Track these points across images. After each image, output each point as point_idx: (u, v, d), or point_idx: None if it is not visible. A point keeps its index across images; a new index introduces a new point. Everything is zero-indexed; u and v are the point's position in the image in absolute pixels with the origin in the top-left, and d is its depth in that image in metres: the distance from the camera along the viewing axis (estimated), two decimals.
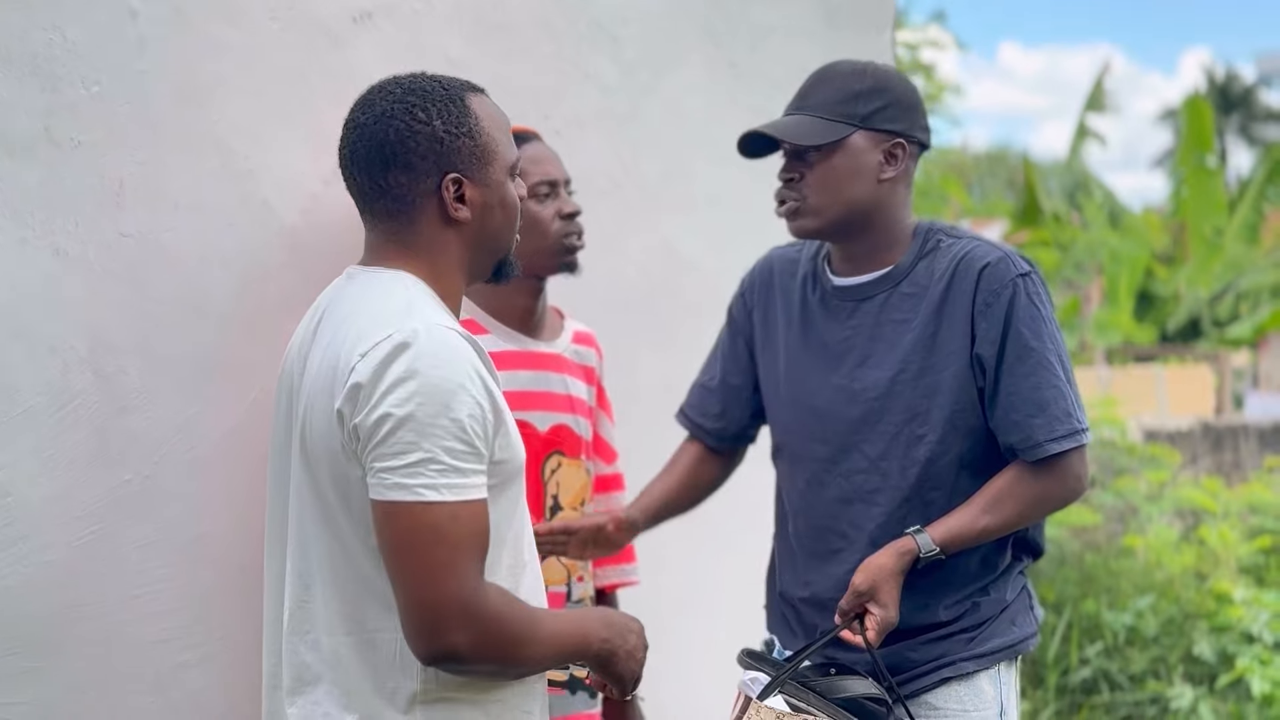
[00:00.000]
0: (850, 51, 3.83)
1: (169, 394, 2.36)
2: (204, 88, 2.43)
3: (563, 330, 2.68)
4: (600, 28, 3.16)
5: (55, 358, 2.25)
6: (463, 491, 1.68)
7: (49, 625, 2.26)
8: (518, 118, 2.96)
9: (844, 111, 2.33)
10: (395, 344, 1.70)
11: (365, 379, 1.69)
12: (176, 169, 2.39)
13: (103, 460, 2.30)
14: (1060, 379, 2.30)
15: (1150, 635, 6.35)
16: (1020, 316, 2.29)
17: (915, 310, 2.35)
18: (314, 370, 1.80)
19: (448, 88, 1.91)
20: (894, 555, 2.27)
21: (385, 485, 1.67)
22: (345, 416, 1.71)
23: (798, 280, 2.50)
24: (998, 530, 2.30)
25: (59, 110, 2.25)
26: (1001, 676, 2.38)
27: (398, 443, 1.67)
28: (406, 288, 1.81)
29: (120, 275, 2.33)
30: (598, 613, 2.00)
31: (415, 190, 1.84)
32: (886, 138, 2.34)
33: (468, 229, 1.87)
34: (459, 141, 1.86)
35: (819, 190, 2.34)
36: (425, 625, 1.68)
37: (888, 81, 2.36)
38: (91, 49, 2.29)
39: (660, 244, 3.31)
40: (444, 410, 1.67)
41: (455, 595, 1.67)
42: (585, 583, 2.58)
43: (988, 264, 2.32)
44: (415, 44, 2.78)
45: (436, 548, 1.66)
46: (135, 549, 2.34)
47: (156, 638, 2.36)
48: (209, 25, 2.45)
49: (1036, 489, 2.30)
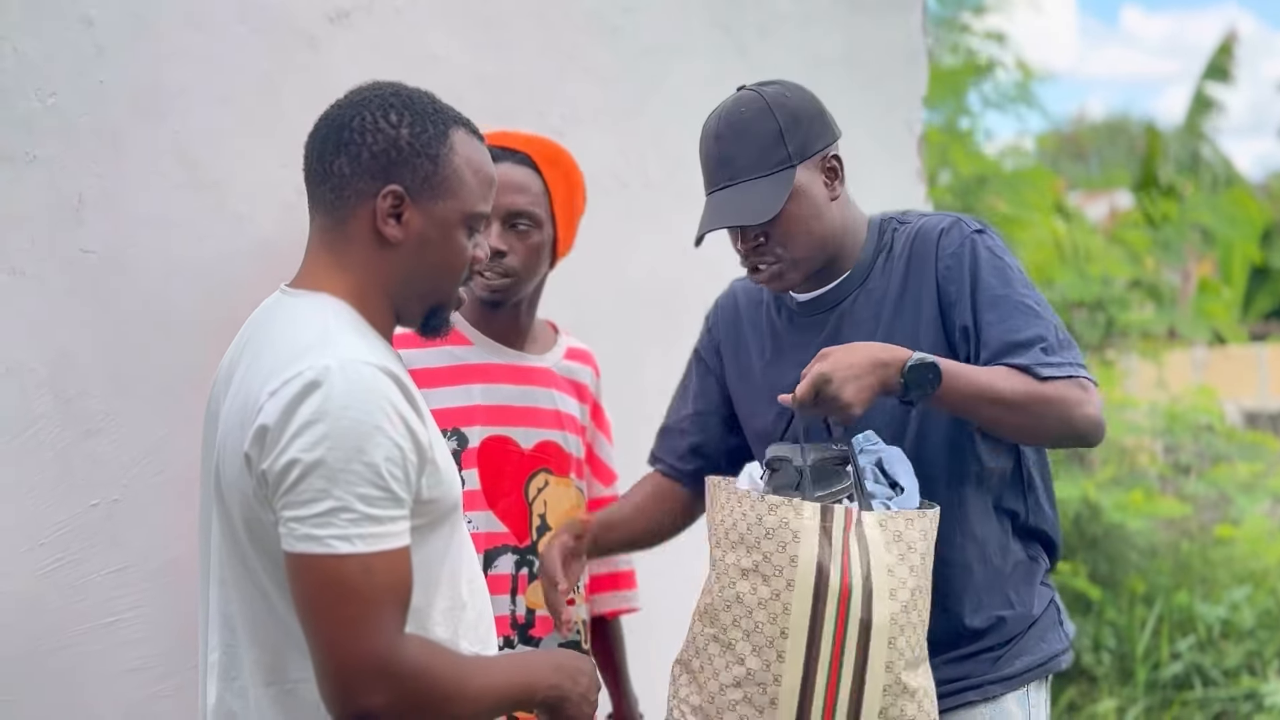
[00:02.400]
0: (873, 38, 3.70)
1: (135, 415, 2.28)
2: (167, 96, 2.35)
3: (555, 345, 2.56)
4: (598, 18, 3.05)
5: (12, 380, 2.18)
6: (378, 541, 1.57)
7: (15, 658, 2.19)
8: (511, 115, 2.85)
9: (775, 159, 2.18)
10: (305, 383, 1.58)
11: (272, 421, 1.58)
12: (139, 182, 2.31)
13: (67, 485, 2.22)
14: (1041, 319, 2.16)
15: (1246, 628, 6.19)
16: (983, 269, 2.18)
17: (882, 303, 2.24)
18: (230, 404, 1.70)
19: (439, 110, 1.79)
20: (871, 346, 2.08)
21: (295, 536, 1.57)
22: (253, 461, 1.61)
23: (763, 308, 2.39)
24: (996, 394, 2.08)
25: (11, 124, 2.17)
26: (1031, 698, 2.24)
27: (307, 490, 1.56)
28: (325, 315, 1.69)
29: (81, 293, 2.25)
30: (544, 656, 1.89)
31: (353, 186, 1.72)
32: (818, 159, 2.22)
33: (399, 255, 1.73)
34: (418, 159, 1.73)
35: (792, 244, 2.21)
36: (339, 686, 1.57)
37: (791, 104, 2.22)
38: (45, 60, 2.21)
39: (668, 243, 3.18)
40: (357, 454, 1.56)
41: (369, 653, 1.56)
42: (576, 605, 2.45)
43: (941, 229, 2.23)
44: (397, 43, 2.68)
45: (348, 603, 1.55)
46: (104, 576, 2.26)
47: (128, 667, 2.29)
48: (171, 31, 2.36)
49: (1041, 392, 2.10)
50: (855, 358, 2.05)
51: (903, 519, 2.04)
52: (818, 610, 1.98)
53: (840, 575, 1.98)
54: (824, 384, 2.02)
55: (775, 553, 2.00)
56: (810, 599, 1.98)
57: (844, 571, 1.98)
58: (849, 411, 2.04)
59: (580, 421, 2.55)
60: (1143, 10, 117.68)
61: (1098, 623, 6.31)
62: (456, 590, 1.74)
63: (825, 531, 2.00)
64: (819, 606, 1.98)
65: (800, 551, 1.98)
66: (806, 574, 1.98)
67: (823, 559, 1.98)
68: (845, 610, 1.98)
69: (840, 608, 1.98)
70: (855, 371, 2.03)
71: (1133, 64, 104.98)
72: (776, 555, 1.99)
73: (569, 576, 2.28)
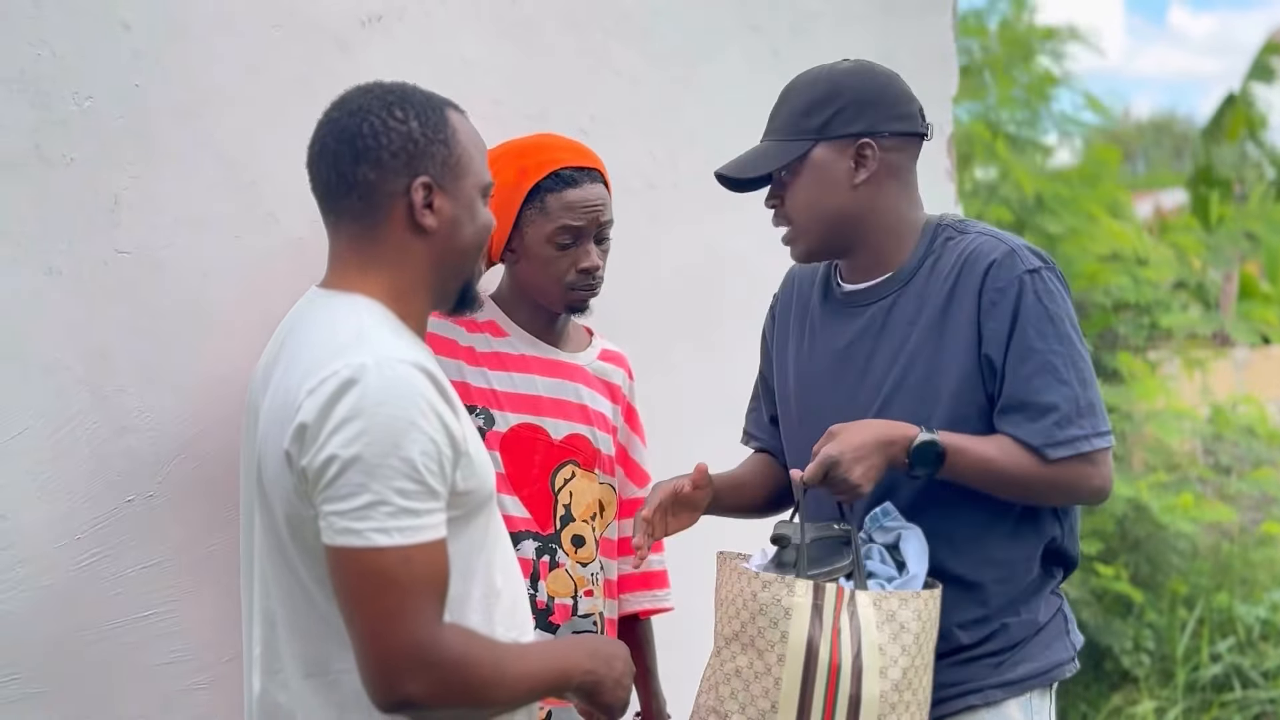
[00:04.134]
0: (905, 38, 3.69)
1: (171, 412, 2.32)
2: (202, 99, 2.38)
3: (589, 346, 2.61)
4: (628, 19, 3.06)
5: (51, 379, 2.22)
6: (416, 534, 1.60)
7: (53, 650, 2.23)
8: (542, 117, 2.87)
9: (800, 127, 2.25)
10: (341, 380, 1.62)
11: (311, 419, 1.62)
12: (174, 183, 2.34)
13: (103, 481, 2.26)
14: (1067, 382, 2.15)
15: None
16: (1027, 316, 2.16)
17: (920, 313, 2.23)
18: (270, 402, 1.74)
19: (429, 96, 1.85)
20: (877, 425, 2.13)
21: (335, 530, 1.60)
22: (293, 458, 1.65)
23: (814, 290, 2.41)
24: (1000, 473, 2.14)
25: (49, 127, 2.21)
26: (1034, 705, 2.23)
27: (346, 485, 1.59)
28: (359, 315, 1.72)
29: (117, 293, 2.29)
30: (579, 642, 1.91)
31: (383, 189, 1.76)
32: (850, 142, 2.22)
33: (435, 240, 1.79)
34: (434, 147, 1.79)
35: (798, 212, 2.27)
36: (379, 674, 1.61)
37: (842, 84, 2.24)
38: (82, 63, 2.25)
39: (699, 243, 3.20)
40: (394, 449, 1.59)
41: (408, 643, 1.60)
42: (595, 597, 2.48)
43: (993, 261, 2.19)
44: (428, 46, 2.71)
45: (388, 594, 1.59)
46: (139, 571, 2.30)
47: (164, 660, 2.33)
48: (207, 35, 2.40)
49: (1043, 474, 2.16)
50: (862, 438, 2.10)
51: (897, 599, 2.09)
52: (807, 685, 2.05)
53: (830, 651, 2.05)
54: (832, 465, 2.08)
55: (768, 628, 2.07)
56: (800, 673, 2.05)
57: (833, 648, 2.05)
58: (857, 492, 2.10)
59: (612, 421, 2.58)
60: (1190, 8, 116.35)
61: (1138, 625, 6.27)
62: (491, 579, 1.77)
63: (817, 609, 2.06)
64: (809, 681, 2.05)
65: (791, 628, 2.05)
66: (797, 649, 2.05)
67: (813, 635, 2.05)
68: (835, 686, 2.05)
69: (830, 683, 2.05)
70: (862, 453, 2.09)
71: (1179, 63, 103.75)
72: (769, 630, 2.07)
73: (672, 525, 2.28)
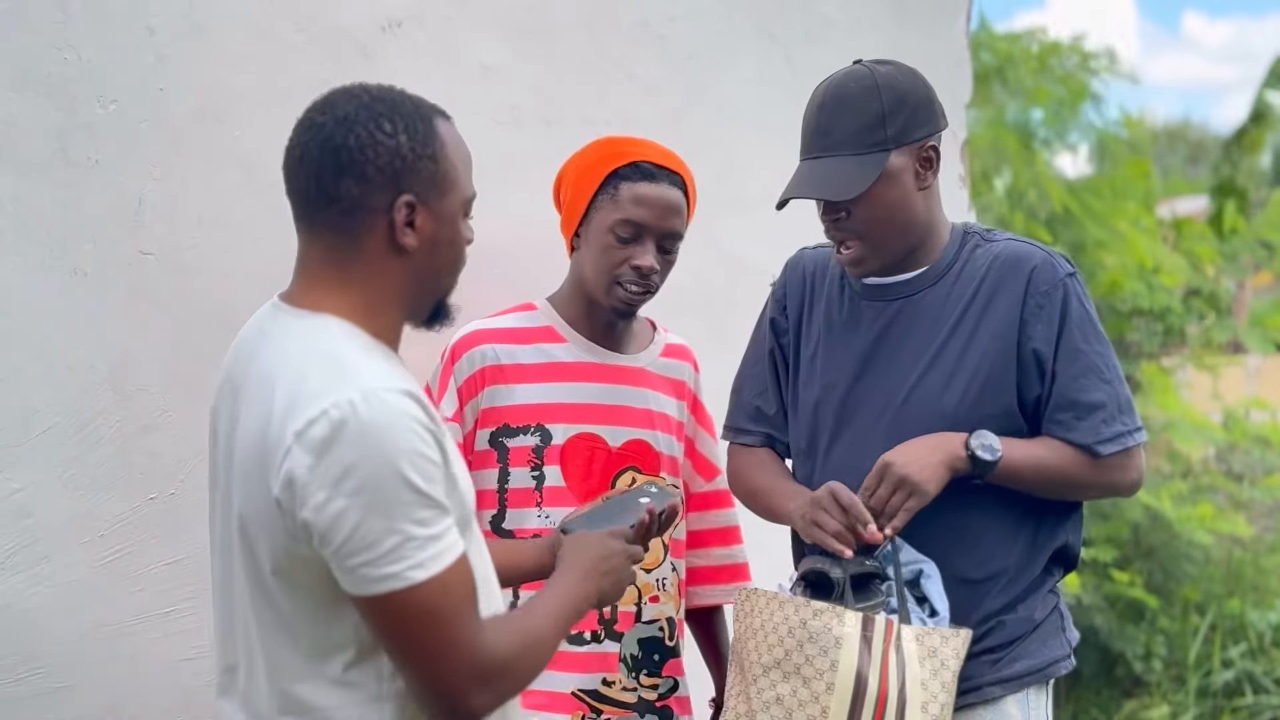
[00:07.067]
0: (919, 45, 3.71)
1: (192, 412, 2.34)
2: (225, 102, 2.42)
3: (652, 343, 2.56)
4: (645, 26, 3.09)
5: (75, 377, 2.25)
6: (445, 557, 1.59)
7: (76, 646, 2.26)
8: (559, 122, 2.90)
9: (873, 140, 2.19)
10: (332, 423, 1.55)
11: (304, 470, 1.56)
12: (198, 185, 2.38)
13: (125, 479, 2.30)
14: (1110, 380, 2.24)
15: None
16: (1073, 318, 2.23)
17: (951, 311, 2.25)
18: (245, 433, 1.66)
19: (418, 105, 1.76)
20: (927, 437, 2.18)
21: (370, 580, 1.56)
22: (286, 505, 1.58)
23: (828, 282, 2.40)
24: (1051, 471, 2.21)
25: (74, 129, 2.25)
26: (1031, 701, 2.25)
27: (368, 534, 1.55)
28: (335, 341, 1.65)
29: (141, 293, 2.33)
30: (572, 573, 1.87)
31: (365, 205, 1.68)
32: (918, 145, 2.23)
33: (413, 260, 1.71)
34: (421, 163, 1.71)
35: (872, 226, 2.22)
36: (449, 702, 1.62)
37: (902, 87, 2.23)
38: (108, 67, 2.29)
39: (713, 247, 3.22)
40: (402, 484, 1.56)
41: (469, 666, 1.61)
42: (661, 602, 2.47)
43: (1035, 265, 2.24)
44: (448, 51, 2.74)
45: (438, 627, 1.59)
46: (161, 568, 2.34)
47: (184, 656, 2.36)
48: (230, 40, 2.43)
49: (1092, 471, 2.24)
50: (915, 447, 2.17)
51: (938, 636, 2.12)
52: (854, 715, 2.05)
53: (879, 683, 2.06)
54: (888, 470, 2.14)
55: (817, 656, 2.06)
56: (849, 704, 2.05)
57: (882, 680, 2.06)
58: (919, 489, 2.13)
59: (676, 419, 2.55)
60: (1205, 16, 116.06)
61: (1150, 631, 6.28)
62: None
63: (866, 640, 2.07)
64: (855, 712, 2.06)
65: (841, 657, 2.06)
66: (846, 679, 2.06)
67: (862, 666, 2.06)
68: (881, 717, 2.06)
69: (876, 715, 2.06)
70: (919, 453, 2.15)
71: (1193, 70, 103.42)
72: (818, 659, 2.06)
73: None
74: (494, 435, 2.40)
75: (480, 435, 2.40)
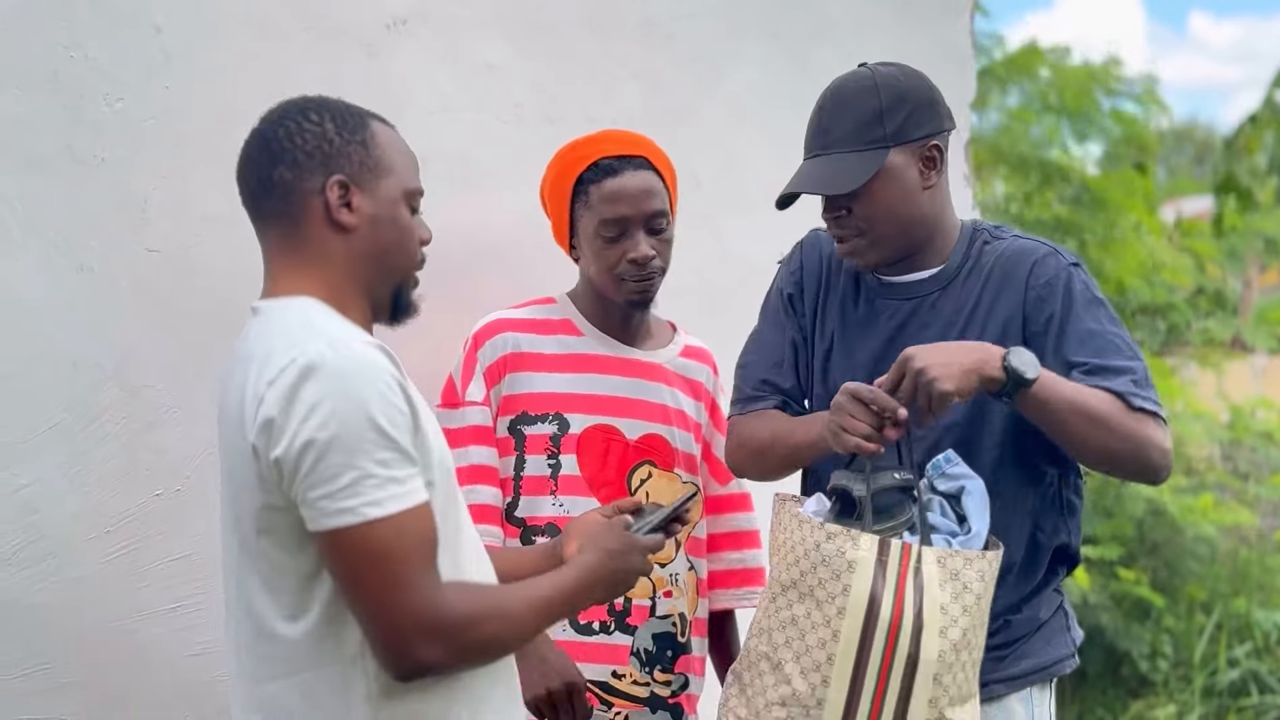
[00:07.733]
0: (923, 43, 3.72)
1: (197, 408, 2.35)
2: (232, 100, 2.42)
3: (671, 342, 2.59)
4: (650, 25, 3.09)
5: (80, 374, 2.26)
6: (404, 500, 1.63)
7: (82, 641, 2.28)
8: (564, 121, 2.91)
9: (871, 137, 2.20)
10: (300, 368, 1.63)
11: (277, 411, 1.63)
12: (204, 183, 2.39)
13: (131, 475, 2.31)
14: (1129, 359, 2.18)
15: None
16: (1078, 302, 2.21)
17: (961, 312, 2.25)
18: (227, 401, 1.75)
19: (351, 106, 1.88)
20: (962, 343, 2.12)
21: (326, 513, 1.62)
22: (261, 451, 1.65)
23: (845, 274, 2.37)
24: (1088, 407, 2.10)
25: (81, 127, 2.27)
26: (1034, 699, 2.25)
27: (329, 467, 1.61)
28: (306, 310, 1.74)
29: (147, 290, 2.34)
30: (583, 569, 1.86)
31: (300, 188, 1.77)
32: (920, 144, 2.23)
33: (355, 239, 1.79)
34: (350, 147, 1.80)
35: (874, 223, 2.22)
36: (392, 646, 1.64)
37: (901, 86, 2.23)
38: (114, 66, 2.30)
39: (718, 247, 3.23)
40: (367, 422, 1.62)
41: (416, 611, 1.63)
42: (675, 598, 2.48)
43: (1036, 258, 2.24)
44: (453, 50, 2.75)
45: (387, 566, 1.62)
46: (167, 564, 2.35)
47: (191, 652, 2.37)
48: (237, 38, 2.44)
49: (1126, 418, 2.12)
50: (946, 348, 2.08)
51: (961, 558, 2.05)
52: (866, 640, 2.01)
53: (892, 608, 2.01)
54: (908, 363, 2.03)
55: (829, 580, 2.02)
56: (860, 628, 2.01)
57: (896, 605, 2.01)
58: (940, 390, 2.01)
59: (694, 419, 2.56)
60: (1212, 16, 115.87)
61: (1156, 630, 6.28)
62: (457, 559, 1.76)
63: (881, 564, 2.02)
64: (867, 636, 2.01)
65: (854, 581, 2.01)
66: (858, 604, 2.01)
67: (875, 591, 2.01)
68: (894, 643, 2.01)
69: (889, 640, 2.01)
70: (946, 356, 2.05)
71: (1201, 70, 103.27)
72: (830, 583, 2.02)
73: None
74: (513, 423, 2.43)
75: (500, 423, 2.43)
